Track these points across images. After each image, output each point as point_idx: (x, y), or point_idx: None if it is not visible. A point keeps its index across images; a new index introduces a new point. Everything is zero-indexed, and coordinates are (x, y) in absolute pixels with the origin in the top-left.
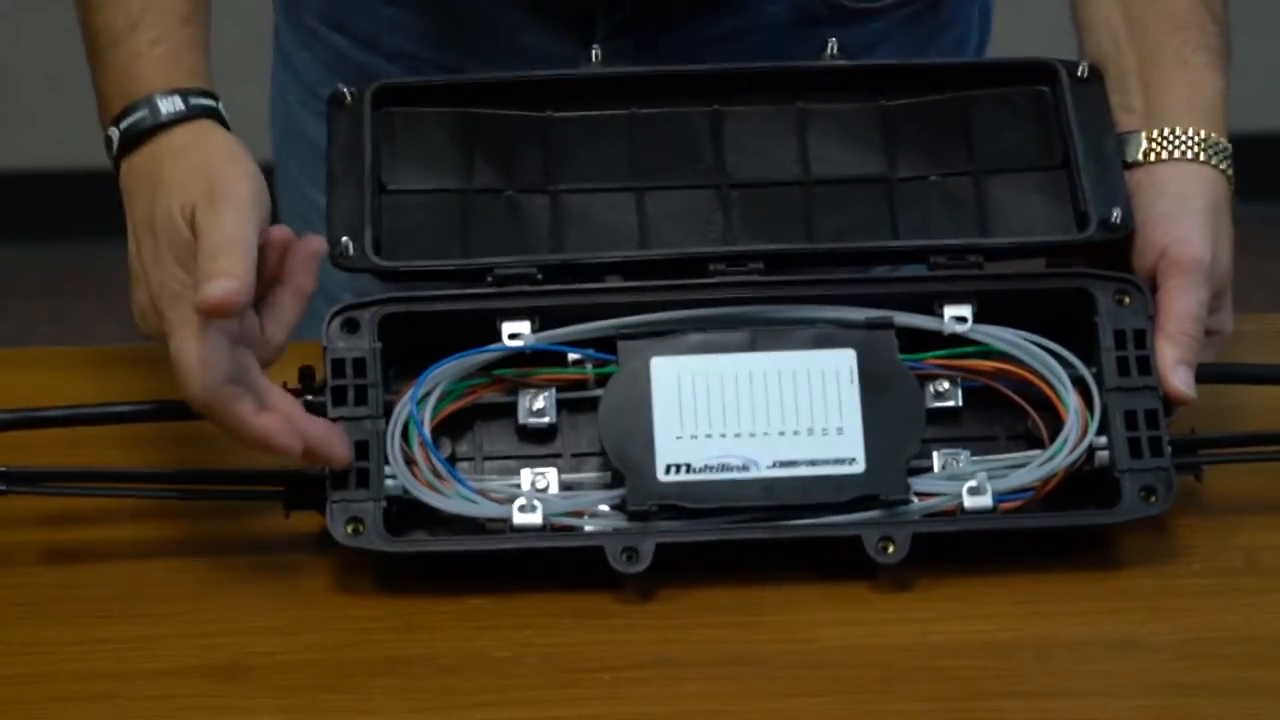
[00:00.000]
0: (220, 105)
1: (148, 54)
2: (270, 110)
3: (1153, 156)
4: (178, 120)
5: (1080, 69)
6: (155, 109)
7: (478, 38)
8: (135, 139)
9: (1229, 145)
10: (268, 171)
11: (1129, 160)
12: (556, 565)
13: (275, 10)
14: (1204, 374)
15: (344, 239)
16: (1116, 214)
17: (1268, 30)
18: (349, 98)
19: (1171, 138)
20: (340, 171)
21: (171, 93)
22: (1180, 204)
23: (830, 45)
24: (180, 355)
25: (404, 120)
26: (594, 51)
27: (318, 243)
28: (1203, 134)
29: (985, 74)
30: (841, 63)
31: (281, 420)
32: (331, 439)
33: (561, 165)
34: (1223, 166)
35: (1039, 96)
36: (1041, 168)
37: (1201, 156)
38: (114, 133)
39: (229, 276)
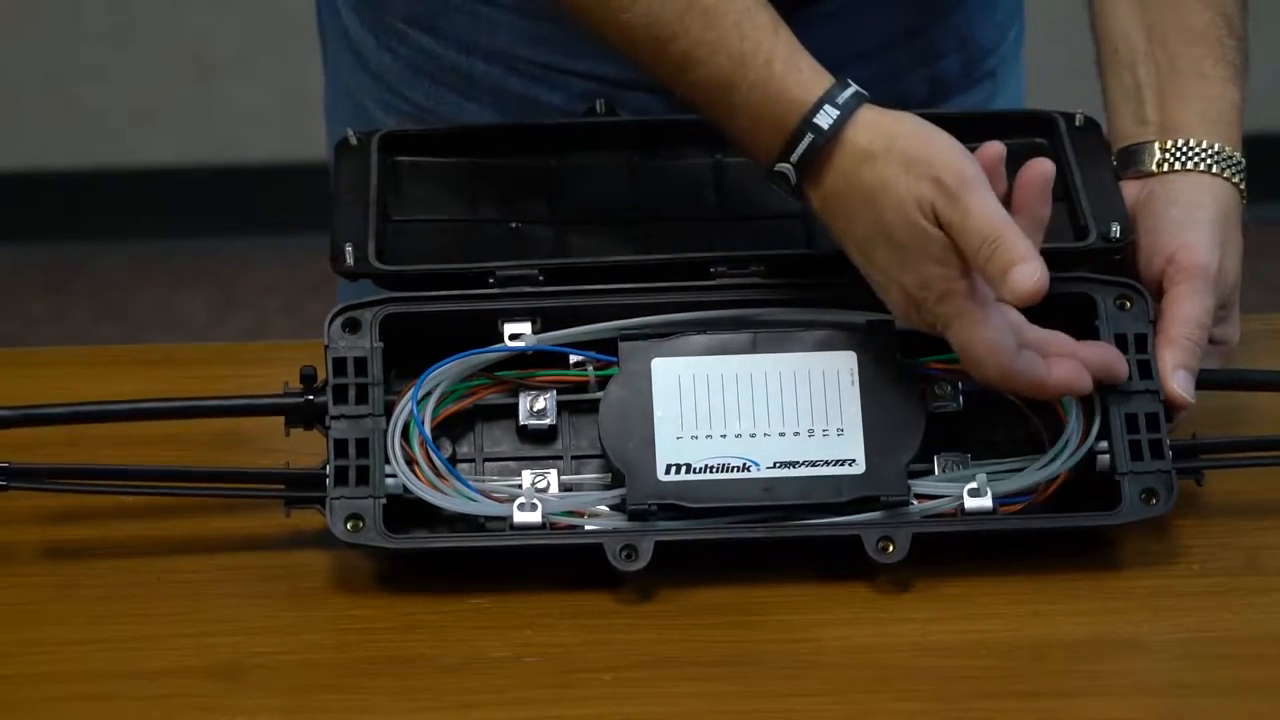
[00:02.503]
0: (847, 77)
1: (772, 79)
2: (326, 112)
3: (1165, 167)
4: (841, 125)
5: (1076, 118)
6: (816, 128)
7: (580, 36)
8: (814, 164)
9: (1242, 159)
10: (326, 173)
11: (1143, 170)
12: (557, 565)
13: (340, 13)
14: (1205, 380)
15: (347, 246)
16: (1116, 229)
17: (1268, 30)
18: (354, 141)
19: (1185, 149)
20: (346, 200)
21: (819, 104)
22: (1190, 213)
23: None
24: (968, 346)
25: (410, 168)
26: (598, 103)
27: (1041, 165)
28: (1216, 147)
29: (985, 125)
30: None
31: (1071, 364)
32: (1110, 359)
33: (564, 207)
34: (1235, 180)
35: (1038, 148)
36: None
37: (1214, 169)
38: (787, 169)
39: (1022, 260)
